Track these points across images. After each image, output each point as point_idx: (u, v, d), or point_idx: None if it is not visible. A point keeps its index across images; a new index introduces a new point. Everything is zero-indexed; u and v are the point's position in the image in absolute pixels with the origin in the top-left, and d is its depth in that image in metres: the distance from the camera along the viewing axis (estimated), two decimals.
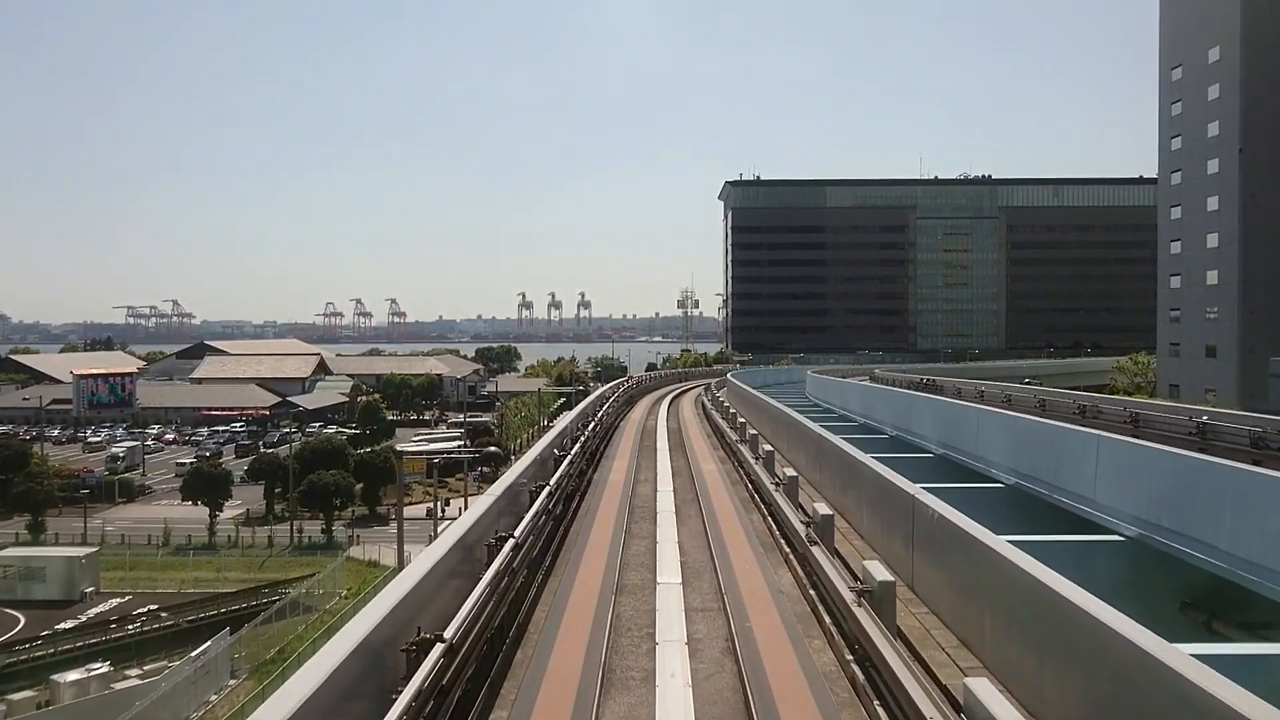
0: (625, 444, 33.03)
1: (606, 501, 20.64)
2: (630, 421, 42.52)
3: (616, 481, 23.81)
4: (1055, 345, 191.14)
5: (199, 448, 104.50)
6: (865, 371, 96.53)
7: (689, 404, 54.76)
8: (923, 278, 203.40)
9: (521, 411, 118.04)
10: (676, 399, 59.58)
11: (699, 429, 38.93)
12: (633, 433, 37.21)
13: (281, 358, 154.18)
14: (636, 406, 51.95)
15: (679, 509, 18.92)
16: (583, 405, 37.97)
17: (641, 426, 39.93)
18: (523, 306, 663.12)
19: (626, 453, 30.30)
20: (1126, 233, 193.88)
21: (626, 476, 24.61)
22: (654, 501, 20.12)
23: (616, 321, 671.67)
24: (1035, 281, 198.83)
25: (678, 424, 40.69)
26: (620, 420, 42.83)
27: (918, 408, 32.17)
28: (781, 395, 57.33)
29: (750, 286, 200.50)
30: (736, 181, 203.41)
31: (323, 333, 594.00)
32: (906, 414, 32.95)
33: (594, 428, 30.67)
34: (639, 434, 36.57)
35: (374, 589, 43.98)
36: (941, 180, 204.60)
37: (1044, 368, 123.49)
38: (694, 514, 19.08)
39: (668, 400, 56.30)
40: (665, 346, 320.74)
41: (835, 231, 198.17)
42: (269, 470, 71.97)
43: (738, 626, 10.89)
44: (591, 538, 16.53)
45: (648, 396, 62.63)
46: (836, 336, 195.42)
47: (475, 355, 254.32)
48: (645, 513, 19.17)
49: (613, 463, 28.16)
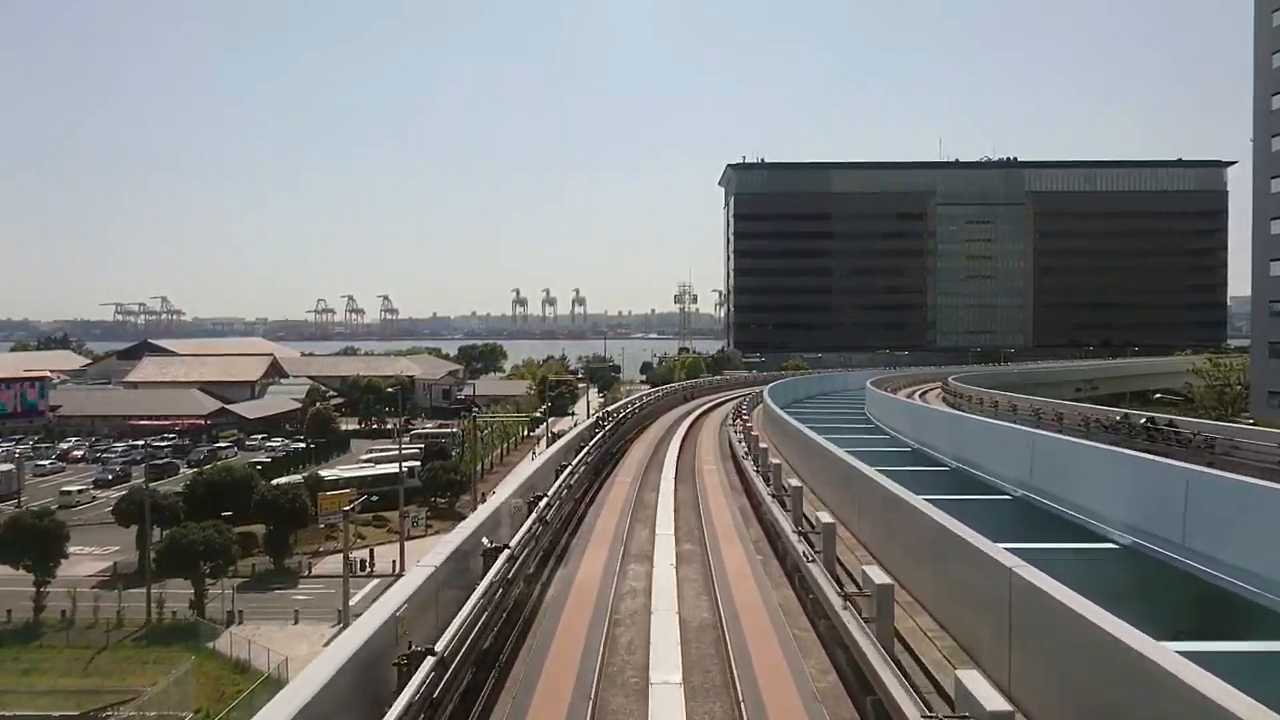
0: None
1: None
2: (609, 506, 22.76)
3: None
4: (1082, 343, 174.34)
5: (104, 467, 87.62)
6: (925, 378, 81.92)
7: (710, 454, 33.73)
8: (942, 270, 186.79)
9: (492, 424, 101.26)
10: (690, 438, 39.72)
11: (740, 545, 18.57)
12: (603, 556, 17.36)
13: (230, 359, 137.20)
14: (629, 457, 32.87)
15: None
16: (531, 471, 20.11)
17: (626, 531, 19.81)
18: (516, 303, 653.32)
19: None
20: (1166, 221, 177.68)
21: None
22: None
23: (612, 319, 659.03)
24: (1065, 275, 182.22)
25: (698, 521, 20.96)
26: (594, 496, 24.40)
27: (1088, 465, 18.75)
28: (835, 420, 45.36)
29: (754, 280, 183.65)
30: (739, 165, 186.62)
31: (314, 330, 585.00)
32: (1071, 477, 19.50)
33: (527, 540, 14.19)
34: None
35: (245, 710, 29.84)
36: (963, 163, 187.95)
37: (1099, 370, 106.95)
38: None
39: (676, 444, 34.62)
40: (661, 344, 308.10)
41: (846, 219, 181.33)
42: (148, 509, 55.16)
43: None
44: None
45: (649, 431, 44.60)
46: (848, 334, 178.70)
47: (458, 354, 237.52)
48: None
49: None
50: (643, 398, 50.80)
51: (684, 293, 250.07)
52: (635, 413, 45.25)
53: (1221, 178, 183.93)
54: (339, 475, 72.27)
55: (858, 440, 34.43)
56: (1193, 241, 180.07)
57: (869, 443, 34.56)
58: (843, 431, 38.19)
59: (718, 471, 28.57)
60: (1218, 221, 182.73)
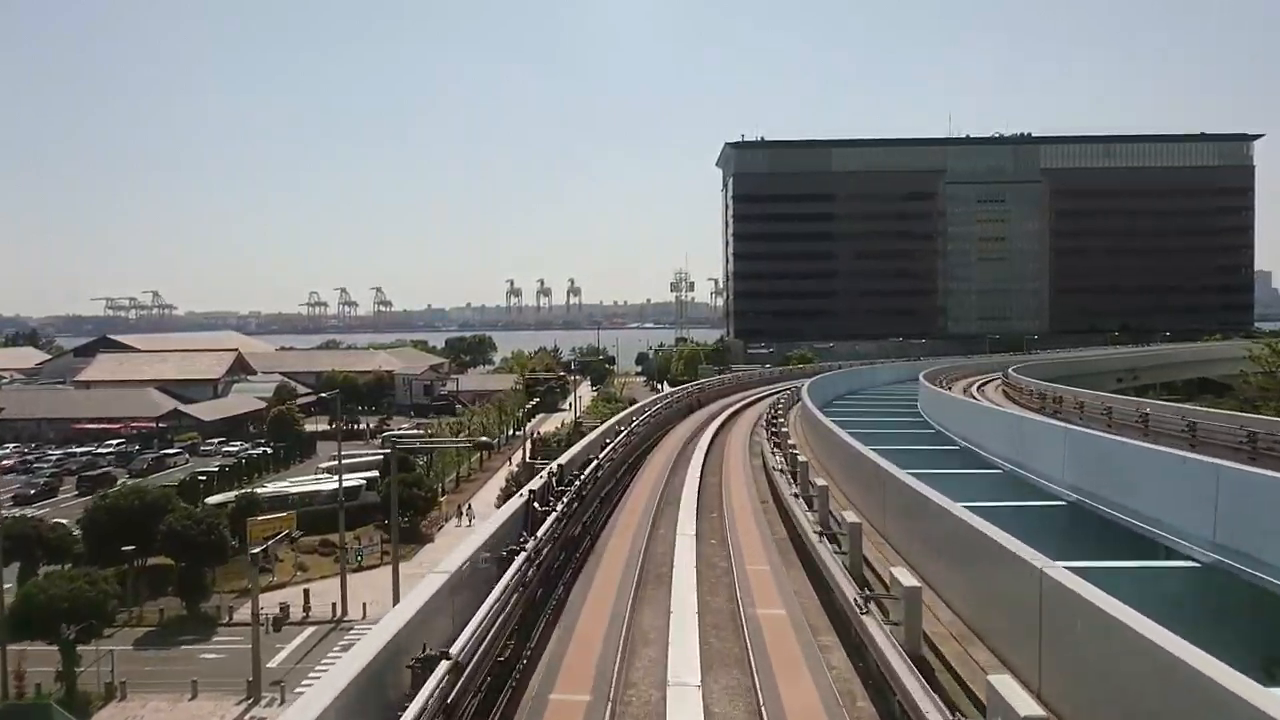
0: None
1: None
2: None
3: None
4: (1101, 329, 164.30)
5: (29, 479, 77.82)
6: (983, 370, 73.75)
7: (745, 503, 23.10)
8: (953, 253, 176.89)
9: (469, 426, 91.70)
10: (714, 466, 30.02)
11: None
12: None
13: (192, 355, 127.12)
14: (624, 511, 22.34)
15: None
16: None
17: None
18: (511, 294, 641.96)
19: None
20: (1190, 198, 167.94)
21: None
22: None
23: (607, 309, 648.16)
24: (1083, 256, 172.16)
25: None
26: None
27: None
28: (885, 424, 39.68)
29: (755, 265, 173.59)
30: (738, 143, 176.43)
31: (307, 323, 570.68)
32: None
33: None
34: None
35: None
36: (974, 139, 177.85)
37: (1140, 359, 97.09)
38: None
39: (691, 484, 23.05)
40: (658, 334, 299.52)
41: (852, 200, 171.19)
42: (31, 541, 45.58)
43: None
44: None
45: (657, 457, 34.08)
46: (855, 322, 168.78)
47: (445, 347, 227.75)
48: None
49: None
50: (639, 415, 39.08)
51: (681, 280, 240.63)
52: (656, 414, 36.35)
53: (1248, 151, 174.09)
54: (283, 491, 62.59)
55: (927, 457, 28.30)
56: (1218, 219, 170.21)
57: (947, 466, 25.53)
58: (899, 440, 32.00)
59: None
60: (1244, 199, 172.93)
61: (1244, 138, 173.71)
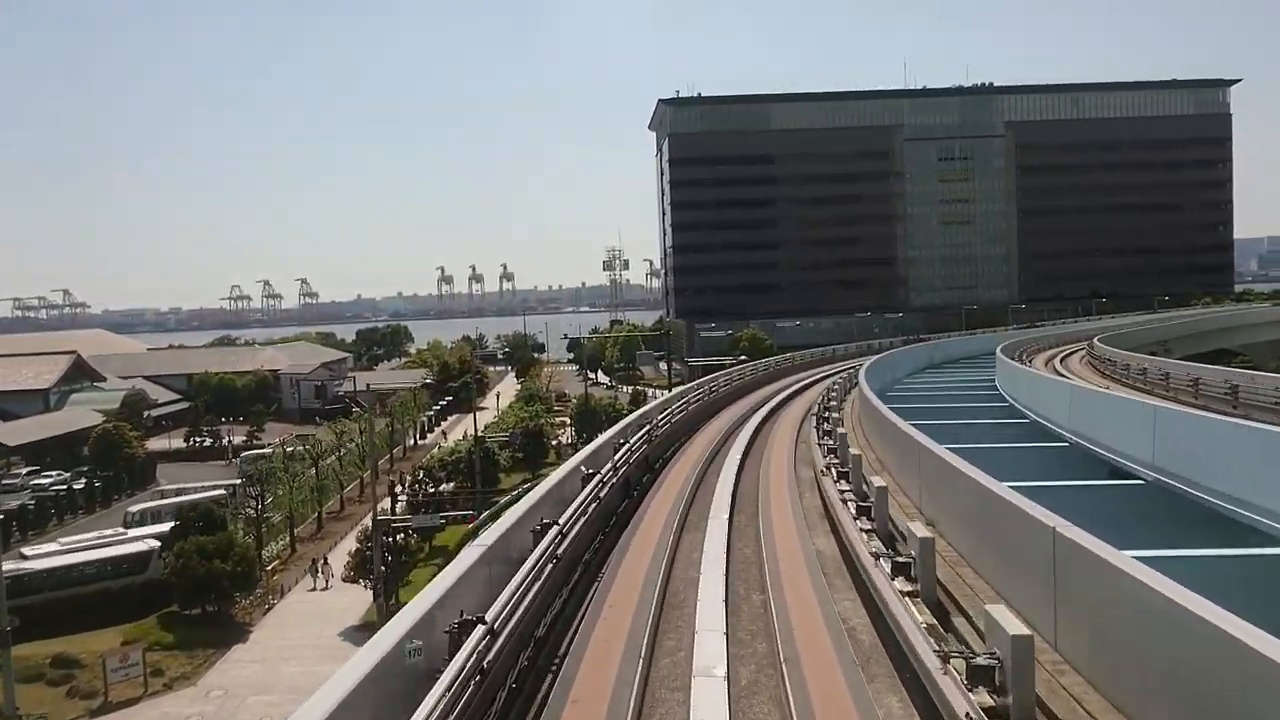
0: None
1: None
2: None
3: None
4: (1068, 296, 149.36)
5: None
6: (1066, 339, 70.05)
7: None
8: (914, 216, 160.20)
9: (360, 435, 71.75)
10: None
11: None
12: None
13: (15, 361, 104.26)
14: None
15: None
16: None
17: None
18: (442, 281, 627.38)
19: None
20: (1164, 150, 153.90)
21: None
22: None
23: (542, 293, 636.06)
24: (1052, 217, 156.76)
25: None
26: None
27: None
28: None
29: (694, 236, 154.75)
30: (672, 100, 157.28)
31: (230, 317, 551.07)
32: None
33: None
34: None
35: None
36: (931, 91, 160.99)
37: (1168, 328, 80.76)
38: None
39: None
40: (594, 318, 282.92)
41: (802, 160, 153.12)
42: None
43: None
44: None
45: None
46: (808, 295, 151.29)
47: (356, 339, 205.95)
48: None
49: None
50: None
51: (614, 258, 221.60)
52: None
53: (1224, 98, 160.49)
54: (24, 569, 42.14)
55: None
56: (1194, 172, 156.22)
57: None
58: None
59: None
60: (1222, 149, 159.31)
61: (1220, 83, 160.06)
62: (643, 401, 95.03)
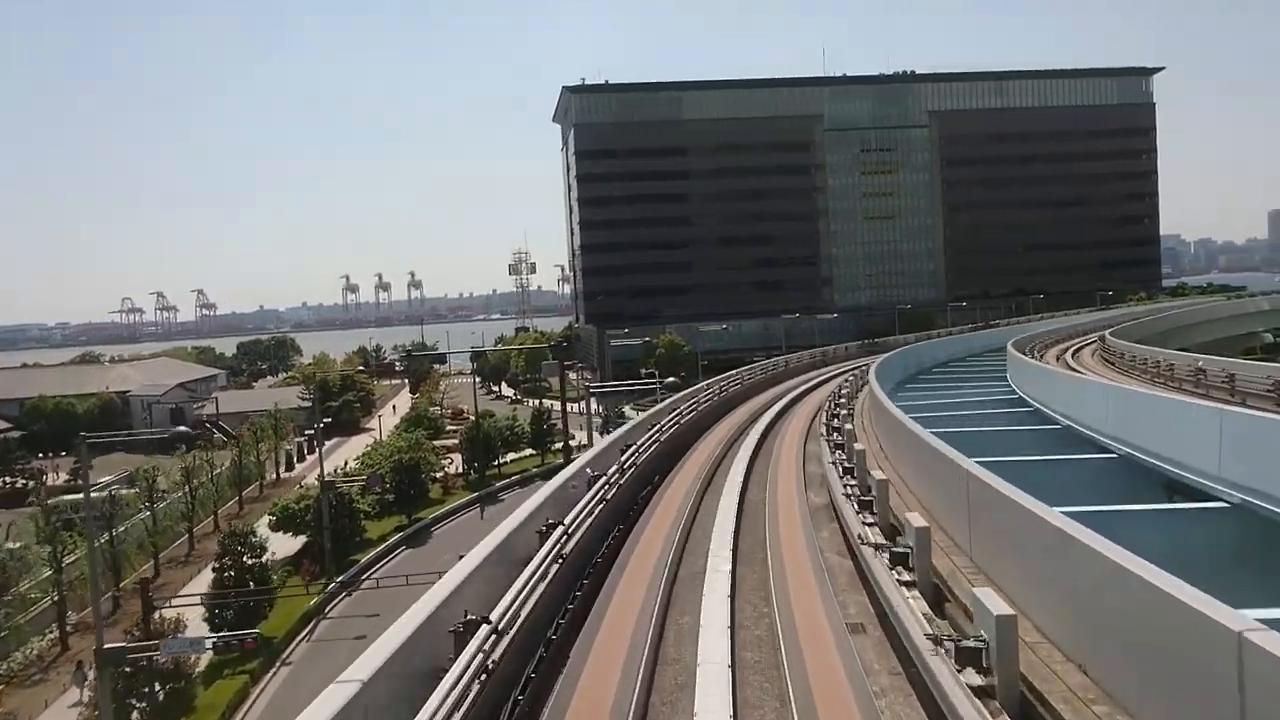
0: None
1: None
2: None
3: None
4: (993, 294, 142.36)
5: None
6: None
7: None
8: (836, 212, 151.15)
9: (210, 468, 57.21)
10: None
11: None
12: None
13: None
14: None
15: None
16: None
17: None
18: (347, 290, 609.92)
19: None
20: (1089, 140, 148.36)
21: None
22: None
23: (451, 301, 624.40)
24: (976, 211, 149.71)
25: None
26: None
27: None
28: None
29: (603, 234, 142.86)
30: (578, 88, 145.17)
31: (122, 331, 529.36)
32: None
33: None
34: None
35: None
36: (851, 79, 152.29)
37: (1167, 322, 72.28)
38: None
39: None
40: (503, 325, 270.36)
41: (717, 152, 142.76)
42: None
43: None
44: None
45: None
46: (727, 297, 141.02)
47: (236, 352, 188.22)
48: None
49: None
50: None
51: (520, 262, 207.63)
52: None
53: (1148, 87, 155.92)
54: None
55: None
56: (1119, 163, 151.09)
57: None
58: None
59: None
60: (1146, 139, 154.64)
61: (1143, 71, 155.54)
62: (546, 420, 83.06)
